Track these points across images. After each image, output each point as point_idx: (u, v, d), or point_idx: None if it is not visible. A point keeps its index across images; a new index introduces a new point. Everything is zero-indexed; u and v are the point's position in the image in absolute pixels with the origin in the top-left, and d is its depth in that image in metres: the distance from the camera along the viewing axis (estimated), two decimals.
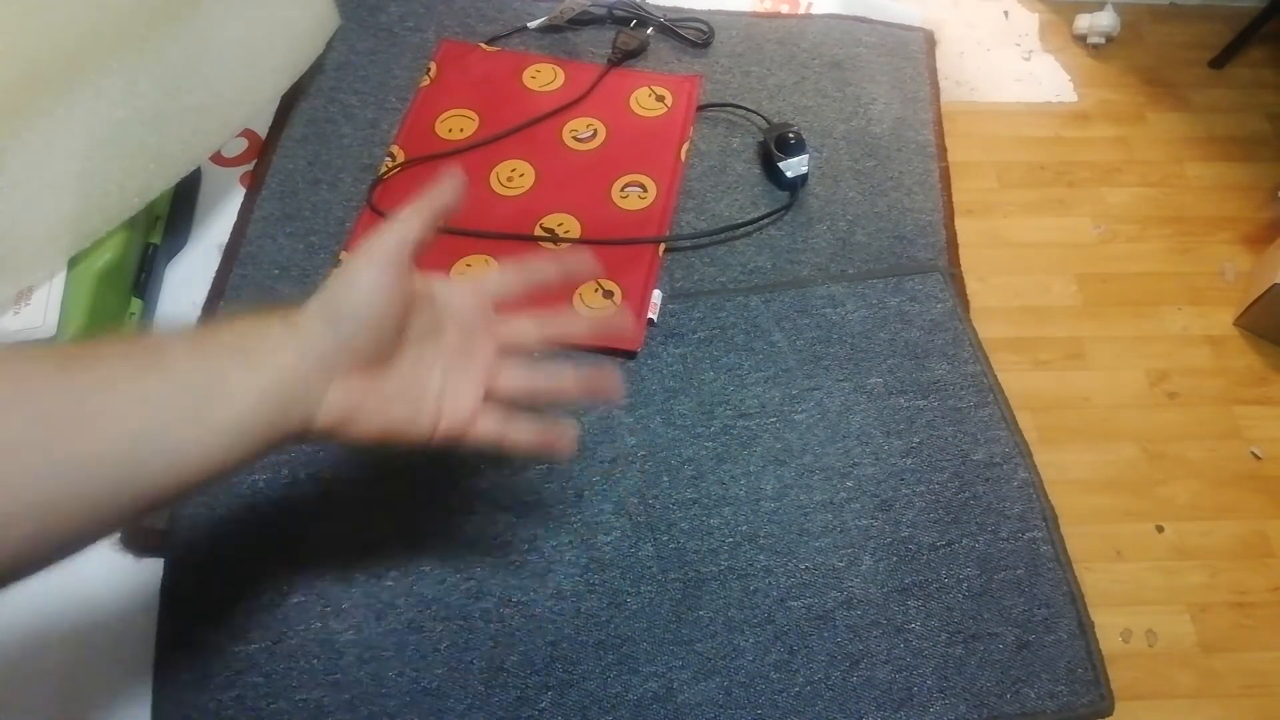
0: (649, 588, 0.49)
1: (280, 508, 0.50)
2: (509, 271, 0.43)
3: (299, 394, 0.33)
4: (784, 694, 0.46)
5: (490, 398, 0.40)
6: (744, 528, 0.51)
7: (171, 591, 0.47)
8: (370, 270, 0.35)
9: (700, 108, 0.69)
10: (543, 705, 0.45)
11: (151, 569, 0.48)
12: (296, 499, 0.50)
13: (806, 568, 0.50)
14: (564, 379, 0.42)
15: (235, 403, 0.31)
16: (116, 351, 0.31)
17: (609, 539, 0.50)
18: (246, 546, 0.49)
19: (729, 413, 0.55)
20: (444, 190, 0.38)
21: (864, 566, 0.50)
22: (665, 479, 0.52)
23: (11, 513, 0.27)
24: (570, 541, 0.50)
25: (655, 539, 0.50)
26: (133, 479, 0.29)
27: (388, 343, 0.36)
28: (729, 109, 0.70)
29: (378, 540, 0.49)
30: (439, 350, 0.39)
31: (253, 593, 0.48)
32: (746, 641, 0.47)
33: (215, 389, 0.31)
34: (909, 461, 0.53)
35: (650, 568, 0.49)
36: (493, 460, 0.52)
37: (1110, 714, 0.46)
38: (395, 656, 0.46)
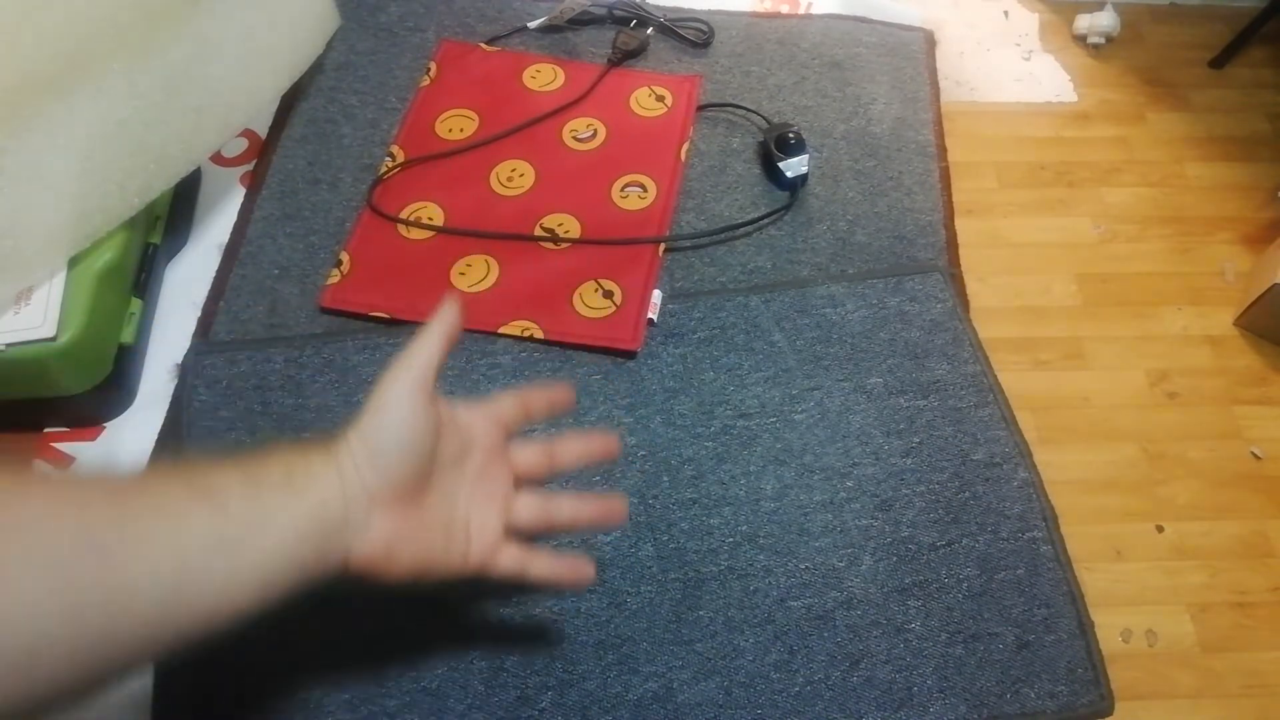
0: (649, 588, 0.49)
1: None
2: (513, 401, 0.42)
3: (341, 524, 0.33)
4: (784, 694, 0.46)
5: (508, 529, 0.40)
6: (744, 528, 0.51)
7: None
8: (402, 398, 0.35)
9: (700, 108, 0.69)
10: (543, 705, 0.45)
11: None
12: None
13: (806, 568, 0.50)
14: (577, 511, 0.41)
15: (280, 531, 0.32)
16: (166, 480, 0.31)
17: (609, 539, 0.50)
18: None
19: (729, 413, 0.55)
20: (448, 315, 0.38)
21: (864, 566, 0.50)
22: (665, 479, 0.52)
23: (47, 638, 0.26)
24: (570, 541, 0.50)
25: (655, 539, 0.50)
26: (171, 609, 0.29)
27: (423, 471, 0.36)
28: (729, 109, 0.70)
29: None
30: (464, 476, 0.39)
31: None
32: (746, 641, 0.47)
33: (261, 518, 0.31)
34: (909, 461, 0.53)
35: (650, 568, 0.49)
36: None
37: (1110, 714, 0.46)
38: (395, 656, 0.46)
